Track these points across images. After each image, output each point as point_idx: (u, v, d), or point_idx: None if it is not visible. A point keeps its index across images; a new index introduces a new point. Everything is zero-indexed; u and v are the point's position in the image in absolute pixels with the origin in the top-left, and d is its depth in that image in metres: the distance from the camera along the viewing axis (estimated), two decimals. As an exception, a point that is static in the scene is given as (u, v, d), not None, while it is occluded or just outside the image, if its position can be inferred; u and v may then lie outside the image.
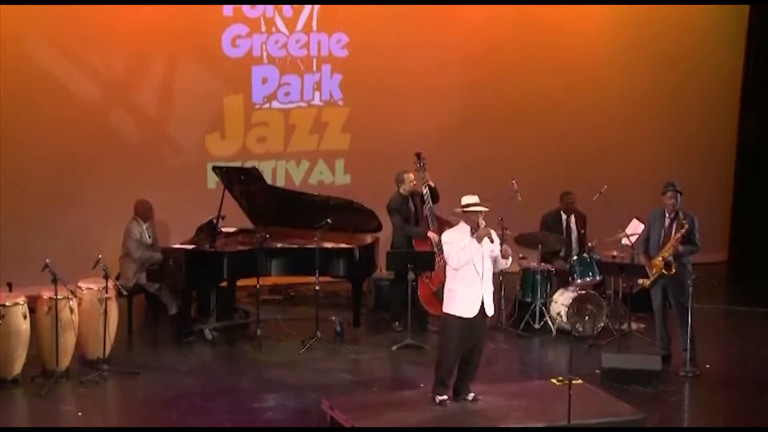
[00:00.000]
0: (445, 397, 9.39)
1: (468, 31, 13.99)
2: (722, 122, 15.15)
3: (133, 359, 10.90)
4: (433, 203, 11.74)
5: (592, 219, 12.55)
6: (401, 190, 11.92)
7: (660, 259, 10.66)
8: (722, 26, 14.92)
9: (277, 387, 10.22)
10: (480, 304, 9.23)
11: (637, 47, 14.57)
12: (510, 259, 9.39)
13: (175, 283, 11.44)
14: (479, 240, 9.17)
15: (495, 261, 9.33)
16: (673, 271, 10.59)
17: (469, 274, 9.21)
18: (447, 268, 9.36)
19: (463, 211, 9.30)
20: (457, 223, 9.51)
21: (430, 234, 11.62)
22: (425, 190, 11.74)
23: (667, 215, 10.78)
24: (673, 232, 10.70)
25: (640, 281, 10.90)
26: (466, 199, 9.33)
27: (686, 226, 10.62)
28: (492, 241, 9.22)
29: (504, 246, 9.34)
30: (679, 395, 10.28)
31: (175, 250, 11.53)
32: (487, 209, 9.30)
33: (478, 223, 9.22)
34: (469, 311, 9.22)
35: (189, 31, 13.11)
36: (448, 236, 9.37)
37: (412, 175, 11.85)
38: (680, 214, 10.70)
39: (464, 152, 14.04)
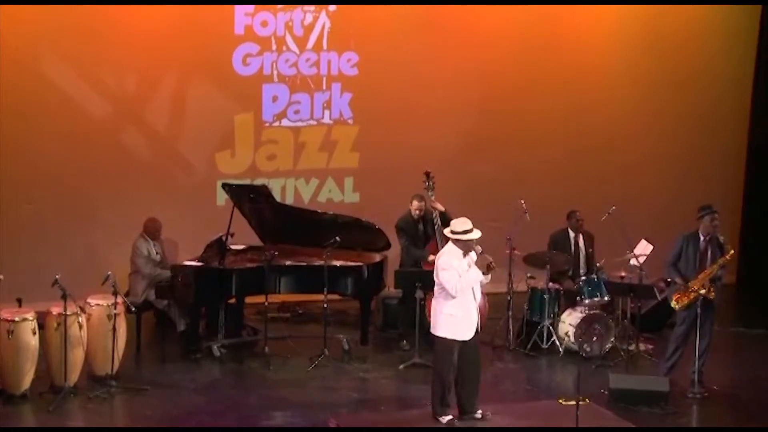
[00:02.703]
0: (450, 416, 9.41)
1: (477, 50, 14.02)
2: (731, 143, 15.14)
3: (141, 376, 10.91)
4: (443, 226, 11.69)
5: (600, 239, 12.53)
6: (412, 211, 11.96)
7: (700, 282, 10.41)
8: (731, 44, 14.91)
9: (284, 405, 10.22)
10: (475, 325, 9.37)
11: (646, 67, 14.58)
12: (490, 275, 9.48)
13: (183, 300, 11.47)
14: (484, 270, 9.27)
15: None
16: (712, 295, 10.43)
17: (467, 299, 9.32)
18: (440, 291, 9.37)
19: (454, 240, 9.32)
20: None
21: (431, 258, 11.61)
22: (435, 213, 11.75)
23: (702, 238, 10.52)
24: (709, 254, 10.46)
25: (673, 304, 10.60)
26: (458, 226, 9.34)
27: (732, 251, 10.47)
28: (494, 268, 9.34)
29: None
30: (687, 417, 10.25)
31: (184, 267, 11.55)
32: (478, 236, 9.31)
33: (473, 249, 9.25)
34: (467, 334, 9.34)
35: (200, 49, 13.16)
36: (444, 261, 9.36)
37: (421, 204, 11.84)
38: (721, 238, 10.50)
39: (473, 171, 14.06)
